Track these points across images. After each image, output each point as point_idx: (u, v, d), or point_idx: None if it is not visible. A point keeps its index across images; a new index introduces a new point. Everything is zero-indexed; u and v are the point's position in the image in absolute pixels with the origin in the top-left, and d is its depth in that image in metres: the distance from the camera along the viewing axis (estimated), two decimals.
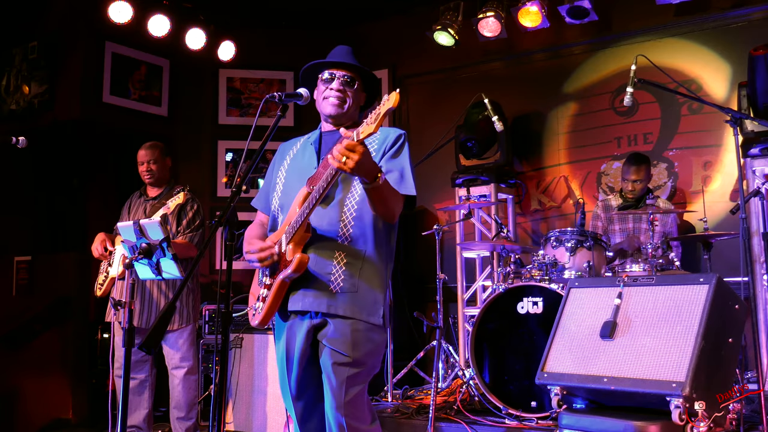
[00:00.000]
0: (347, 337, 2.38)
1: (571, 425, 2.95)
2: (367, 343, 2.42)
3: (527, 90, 5.76)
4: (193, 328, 4.22)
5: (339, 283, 2.39)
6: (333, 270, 2.40)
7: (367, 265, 2.43)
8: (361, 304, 2.40)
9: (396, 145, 2.50)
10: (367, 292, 2.42)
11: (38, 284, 5.49)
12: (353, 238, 2.42)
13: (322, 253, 2.41)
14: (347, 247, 2.42)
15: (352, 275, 2.40)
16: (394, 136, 2.53)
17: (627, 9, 5.34)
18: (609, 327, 3.03)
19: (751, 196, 3.98)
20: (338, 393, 2.37)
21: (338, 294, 2.39)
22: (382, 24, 6.25)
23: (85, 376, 5.16)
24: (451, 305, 5.49)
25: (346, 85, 2.53)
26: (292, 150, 2.69)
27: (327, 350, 2.40)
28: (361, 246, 2.43)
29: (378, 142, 2.51)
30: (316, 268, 2.40)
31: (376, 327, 2.44)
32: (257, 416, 4.59)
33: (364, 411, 2.44)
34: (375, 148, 2.49)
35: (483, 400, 4.06)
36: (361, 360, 2.40)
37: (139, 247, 3.13)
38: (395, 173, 2.45)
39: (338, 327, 2.39)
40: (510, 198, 5.55)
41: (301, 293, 2.42)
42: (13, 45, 5.85)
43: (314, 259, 2.40)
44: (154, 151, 4.26)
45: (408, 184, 2.46)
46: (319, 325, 2.43)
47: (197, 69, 6.16)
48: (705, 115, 5.02)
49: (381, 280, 2.47)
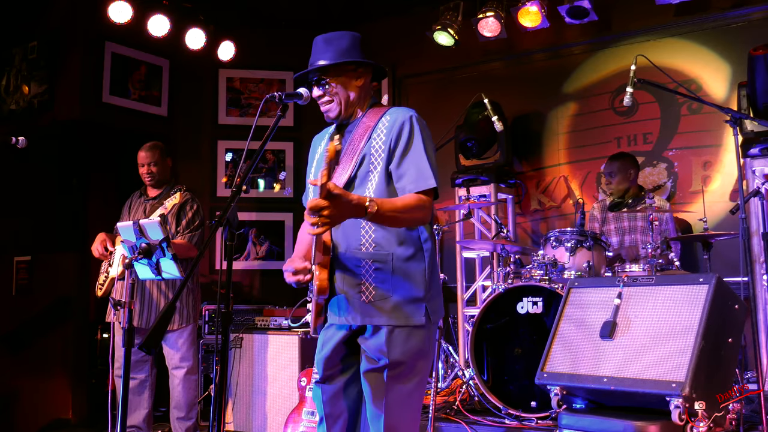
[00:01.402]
0: (382, 345, 2.26)
1: (570, 425, 2.95)
2: (407, 342, 2.28)
3: (527, 90, 5.76)
4: (193, 328, 4.22)
5: (370, 291, 2.28)
6: (362, 282, 2.29)
7: (398, 265, 2.30)
8: (397, 308, 2.27)
9: (402, 136, 2.32)
10: (402, 294, 2.28)
11: (38, 284, 5.48)
12: (377, 244, 2.30)
13: (348, 268, 2.31)
14: (373, 254, 2.29)
15: (383, 281, 2.28)
16: (400, 122, 2.34)
17: (627, 9, 5.34)
18: (609, 327, 3.03)
19: (750, 196, 3.98)
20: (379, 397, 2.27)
21: (371, 303, 2.27)
22: (382, 24, 6.25)
23: (85, 376, 5.16)
24: (451, 305, 5.49)
25: (324, 89, 2.41)
26: (321, 144, 2.61)
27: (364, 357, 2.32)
28: (387, 248, 2.29)
29: (387, 129, 2.36)
30: (344, 283, 2.31)
31: (417, 328, 2.29)
32: (257, 416, 4.59)
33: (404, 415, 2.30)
34: (383, 140, 2.35)
35: (483, 400, 4.06)
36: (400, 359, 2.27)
37: (139, 247, 3.13)
38: (410, 175, 2.29)
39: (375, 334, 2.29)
40: (510, 198, 5.55)
41: (336, 307, 2.34)
42: (13, 45, 5.84)
43: (340, 277, 2.31)
44: (154, 152, 4.26)
45: (425, 177, 2.28)
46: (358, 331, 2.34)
47: (197, 69, 6.16)
48: (705, 115, 5.02)
49: (418, 276, 2.31)
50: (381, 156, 2.33)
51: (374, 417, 2.29)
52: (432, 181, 2.28)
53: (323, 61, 2.41)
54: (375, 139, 2.36)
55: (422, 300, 2.30)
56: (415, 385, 2.32)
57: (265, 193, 6.17)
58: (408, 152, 2.31)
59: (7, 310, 5.55)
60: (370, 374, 2.29)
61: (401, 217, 2.22)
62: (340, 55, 2.42)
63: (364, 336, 2.31)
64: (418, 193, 2.27)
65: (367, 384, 2.30)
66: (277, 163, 6.26)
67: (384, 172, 2.32)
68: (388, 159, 2.32)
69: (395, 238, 2.30)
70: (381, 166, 2.32)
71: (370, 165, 2.33)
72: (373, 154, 2.34)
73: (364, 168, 2.34)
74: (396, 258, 2.29)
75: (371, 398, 2.29)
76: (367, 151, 2.35)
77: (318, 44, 2.47)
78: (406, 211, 2.22)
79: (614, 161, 4.80)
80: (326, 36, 2.46)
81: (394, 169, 2.31)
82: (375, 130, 2.38)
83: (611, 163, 4.81)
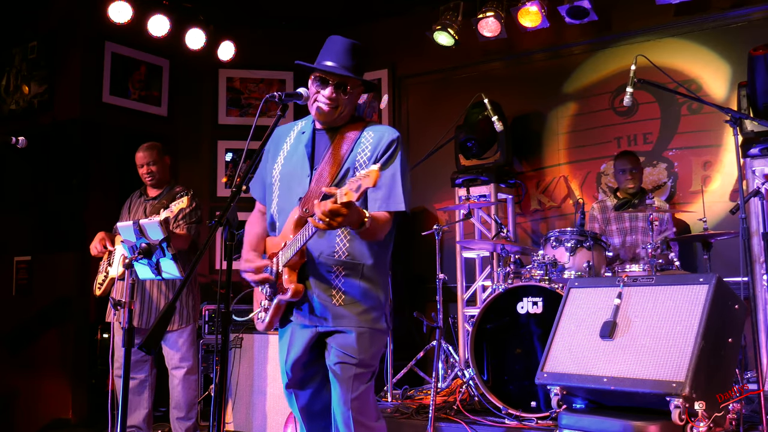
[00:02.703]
0: (353, 344, 2.42)
1: (570, 425, 2.95)
2: (372, 346, 2.46)
3: (527, 90, 5.76)
4: (192, 328, 4.22)
5: (341, 295, 2.43)
6: (332, 286, 2.43)
7: (367, 274, 2.45)
8: (364, 313, 2.44)
9: (387, 153, 2.44)
10: (369, 300, 2.46)
11: (38, 284, 5.48)
12: (350, 252, 2.44)
13: (320, 274, 2.44)
14: (345, 262, 2.44)
15: (352, 287, 2.43)
16: (387, 141, 2.46)
17: (627, 9, 5.34)
18: (609, 327, 3.03)
19: (750, 196, 3.98)
20: (346, 390, 2.42)
21: (341, 307, 2.42)
22: (382, 24, 6.25)
23: (85, 376, 5.16)
24: (451, 305, 5.49)
25: (340, 92, 2.47)
26: (286, 142, 2.63)
27: (333, 350, 2.44)
28: (358, 258, 2.45)
29: (371, 146, 2.47)
30: (317, 287, 2.44)
31: (380, 331, 2.49)
32: (257, 416, 4.59)
33: (370, 408, 2.49)
34: (367, 155, 2.45)
35: (483, 400, 4.06)
36: (367, 362, 2.45)
37: (139, 247, 3.13)
38: (383, 190, 2.41)
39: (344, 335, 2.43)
40: (510, 198, 5.55)
41: (306, 309, 2.46)
42: (12, 45, 5.84)
43: (312, 281, 2.44)
44: (152, 152, 4.25)
45: (396, 200, 2.42)
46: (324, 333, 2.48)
47: (197, 69, 6.16)
48: (705, 115, 5.02)
49: (382, 286, 2.51)
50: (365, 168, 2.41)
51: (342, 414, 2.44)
52: (401, 205, 2.42)
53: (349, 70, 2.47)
54: (359, 153, 2.47)
55: (383, 308, 2.49)
56: (372, 383, 2.53)
57: None
58: (387, 169, 2.43)
59: (7, 310, 5.55)
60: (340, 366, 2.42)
61: (377, 233, 2.38)
62: (362, 69, 2.54)
63: (335, 338, 2.44)
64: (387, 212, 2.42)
65: (335, 378, 2.43)
66: None
67: None
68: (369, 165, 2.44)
69: (366, 248, 2.45)
70: None
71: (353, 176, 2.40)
72: (357, 168, 2.43)
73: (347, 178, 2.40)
74: (366, 267, 2.45)
75: (341, 396, 2.42)
76: (351, 164, 2.46)
77: (339, 45, 2.51)
78: (381, 228, 2.39)
79: (631, 157, 4.80)
80: (348, 42, 2.52)
81: None
82: (358, 144, 2.48)
83: (629, 158, 4.79)
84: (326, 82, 2.46)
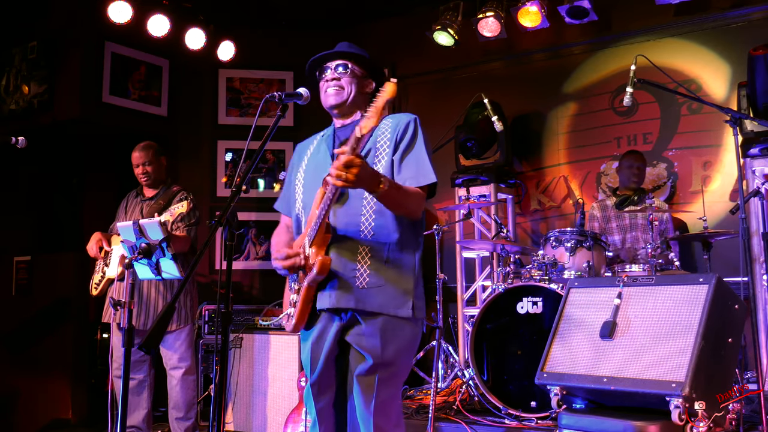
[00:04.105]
0: (376, 336, 2.32)
1: (570, 425, 2.95)
2: (396, 339, 2.35)
3: (527, 90, 5.75)
4: (190, 328, 4.22)
5: (365, 278, 2.34)
6: (357, 267, 2.35)
7: (393, 257, 2.38)
8: (389, 298, 2.34)
9: (408, 133, 2.43)
10: (394, 285, 2.36)
11: (38, 284, 5.49)
12: (375, 232, 2.36)
13: (345, 252, 2.36)
14: (370, 242, 2.36)
15: (377, 270, 2.35)
16: (405, 122, 2.46)
17: (627, 9, 5.34)
18: (609, 327, 3.03)
19: (750, 196, 3.98)
20: (368, 396, 2.33)
21: (365, 290, 2.33)
22: (382, 24, 6.25)
23: (85, 376, 5.16)
24: (451, 305, 5.49)
25: (341, 73, 2.49)
26: (308, 149, 2.65)
27: (354, 354, 2.37)
28: (384, 239, 2.37)
29: (390, 131, 2.45)
30: (340, 267, 2.35)
31: (405, 320, 2.38)
32: (257, 416, 4.59)
33: (392, 414, 2.40)
34: (387, 137, 2.44)
35: (483, 400, 4.06)
36: (390, 360, 2.34)
37: (139, 247, 3.13)
38: (411, 168, 2.38)
39: (367, 325, 2.34)
40: (510, 198, 5.55)
41: (328, 292, 2.36)
42: (12, 45, 5.84)
43: (337, 259, 2.35)
44: (147, 152, 4.24)
45: (425, 173, 2.38)
46: (347, 324, 2.38)
47: (197, 69, 6.16)
48: (705, 115, 5.02)
49: (409, 271, 2.41)
50: (386, 150, 2.43)
51: (364, 418, 2.35)
52: (432, 176, 2.39)
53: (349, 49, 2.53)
54: (379, 136, 2.46)
55: (410, 293, 2.39)
56: (399, 385, 2.45)
57: (264, 193, 6.17)
58: (412, 148, 2.41)
59: (7, 310, 5.55)
60: (362, 377, 2.35)
61: (403, 202, 2.32)
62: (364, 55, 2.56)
63: (356, 332, 2.36)
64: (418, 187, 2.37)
65: (358, 386, 2.35)
66: (276, 163, 6.25)
67: (389, 165, 2.41)
68: (394, 151, 2.42)
69: (393, 227, 2.39)
70: (386, 159, 2.42)
71: (375, 158, 2.42)
72: (378, 149, 2.42)
73: (369, 161, 2.38)
74: (391, 248, 2.38)
75: (362, 400, 2.35)
76: (371, 145, 2.44)
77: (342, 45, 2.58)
78: (407, 197, 2.33)
79: (639, 155, 4.86)
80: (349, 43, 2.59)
81: (398, 161, 2.41)
82: (378, 129, 2.47)
83: (637, 156, 4.84)
84: (328, 68, 2.51)
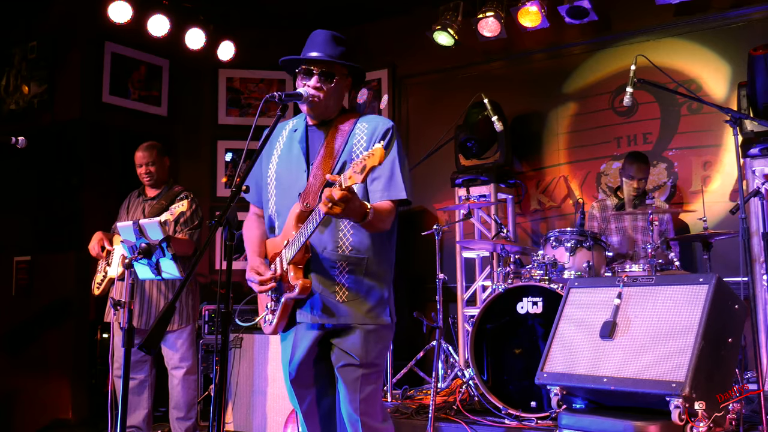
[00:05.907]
0: (358, 343, 2.40)
1: (570, 425, 2.95)
2: (377, 344, 2.44)
3: (527, 90, 5.75)
4: (192, 328, 4.22)
5: (344, 291, 2.40)
6: (336, 281, 2.40)
7: (370, 268, 2.43)
8: (368, 308, 2.42)
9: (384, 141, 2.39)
10: (372, 296, 2.43)
11: (38, 284, 5.48)
12: (353, 246, 2.42)
13: (324, 269, 2.41)
14: (348, 257, 2.41)
15: (356, 282, 2.41)
16: (383, 129, 2.45)
17: (627, 9, 5.34)
18: (609, 327, 3.03)
19: (750, 196, 3.98)
20: (353, 392, 2.41)
21: (344, 304, 2.40)
22: (382, 24, 6.25)
23: (85, 376, 5.16)
24: (451, 305, 5.49)
25: (324, 81, 2.46)
26: (279, 142, 2.63)
27: (338, 351, 2.43)
28: (362, 253, 2.42)
29: (366, 140, 2.45)
30: (320, 284, 2.41)
31: (384, 327, 2.46)
32: (257, 416, 4.59)
33: (377, 409, 2.47)
34: (363, 147, 2.44)
35: (483, 400, 4.06)
36: (372, 362, 2.43)
37: (139, 247, 3.13)
38: (382, 180, 2.40)
39: (348, 334, 2.41)
40: (510, 198, 5.55)
41: (309, 307, 2.43)
42: (12, 45, 5.84)
43: (316, 277, 2.41)
44: (151, 152, 4.24)
45: (396, 187, 2.40)
46: (329, 332, 2.45)
47: (197, 69, 6.16)
48: (705, 115, 5.01)
49: (385, 279, 2.49)
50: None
51: (350, 416, 2.43)
52: (402, 193, 2.41)
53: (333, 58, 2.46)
54: (355, 144, 2.45)
55: (388, 301, 2.47)
56: (381, 382, 2.54)
57: None
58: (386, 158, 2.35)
59: (7, 310, 5.55)
60: (345, 369, 2.41)
61: (379, 225, 2.35)
62: (348, 58, 2.51)
63: (339, 338, 2.42)
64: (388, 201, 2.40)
65: (341, 380, 2.42)
66: None
67: None
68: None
69: (369, 241, 2.43)
70: None
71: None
72: (354, 159, 2.40)
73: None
74: (369, 261, 2.43)
75: (347, 397, 2.42)
76: (347, 156, 2.43)
77: (321, 36, 2.52)
78: (384, 219, 2.37)
79: (643, 166, 4.66)
80: (329, 32, 2.52)
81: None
82: (353, 135, 2.47)
83: (640, 167, 4.65)
84: (311, 72, 2.46)
